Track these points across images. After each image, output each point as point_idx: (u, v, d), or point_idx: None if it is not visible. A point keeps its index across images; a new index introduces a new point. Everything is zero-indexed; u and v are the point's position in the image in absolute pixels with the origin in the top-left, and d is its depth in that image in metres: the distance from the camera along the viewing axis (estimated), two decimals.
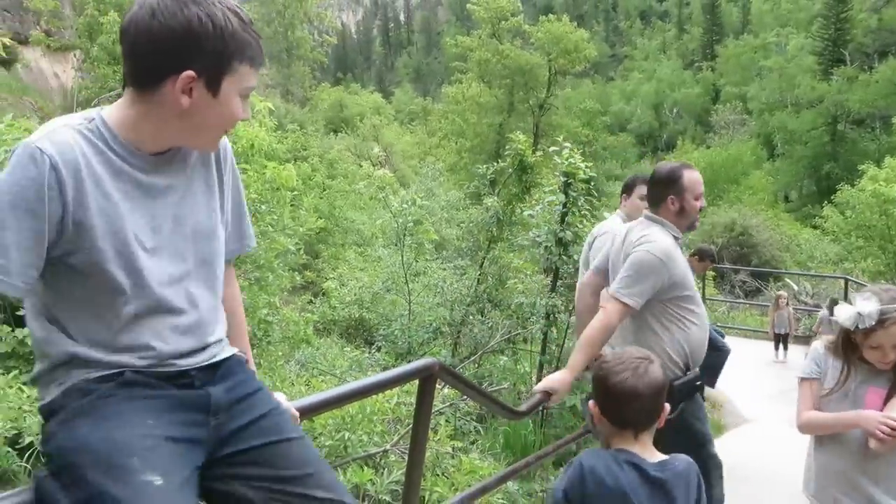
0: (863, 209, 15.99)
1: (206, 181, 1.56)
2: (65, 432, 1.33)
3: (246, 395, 1.54)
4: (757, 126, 47.00)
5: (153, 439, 1.33)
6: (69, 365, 1.38)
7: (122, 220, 1.39)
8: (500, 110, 34.83)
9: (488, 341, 7.19)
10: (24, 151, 1.31)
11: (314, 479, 1.53)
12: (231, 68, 1.39)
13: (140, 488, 1.26)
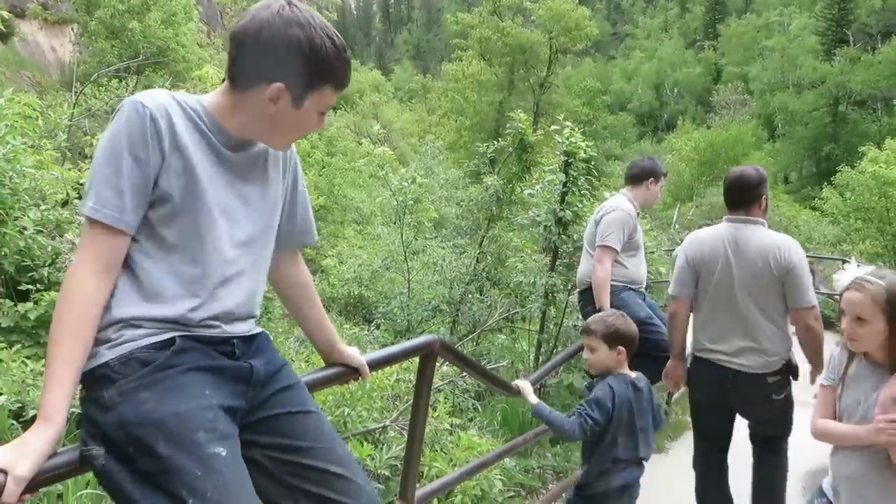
0: (862, 191, 16.01)
1: (274, 173, 1.72)
2: (128, 405, 1.39)
3: (276, 370, 1.67)
4: (758, 106, 46.80)
5: (213, 411, 1.45)
6: (122, 324, 1.46)
7: (201, 182, 1.52)
8: (500, 88, 34.65)
9: (487, 320, 7.23)
10: (126, 106, 1.47)
11: (327, 453, 1.62)
12: (316, 88, 1.55)
13: (209, 460, 1.37)
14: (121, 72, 14.70)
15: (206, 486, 1.35)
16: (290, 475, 1.58)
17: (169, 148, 1.47)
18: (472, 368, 2.84)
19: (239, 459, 1.46)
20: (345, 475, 1.62)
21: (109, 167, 1.43)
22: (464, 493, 3.59)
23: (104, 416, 1.40)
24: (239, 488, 1.40)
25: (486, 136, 24.71)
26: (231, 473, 1.40)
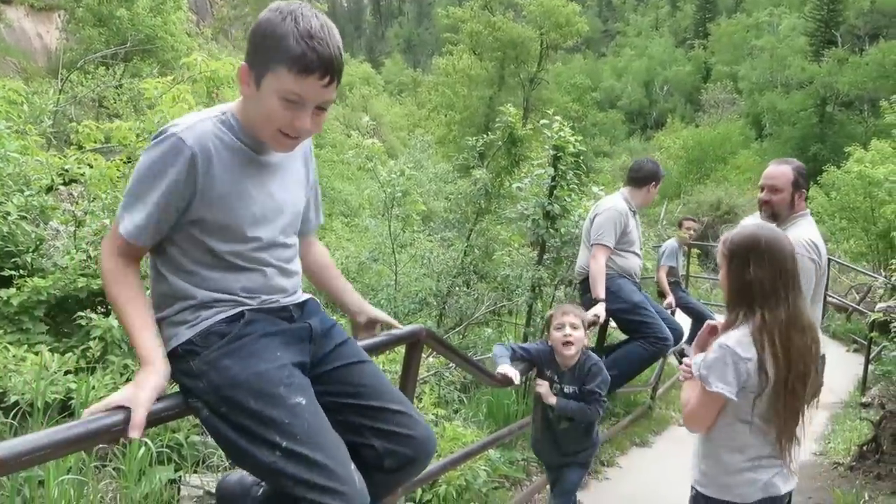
0: (847, 191, 16.10)
1: (299, 166, 1.93)
2: (216, 372, 1.65)
3: (330, 327, 1.92)
4: (746, 106, 47.00)
5: (287, 368, 1.70)
6: (195, 307, 1.72)
7: (242, 190, 1.74)
8: (490, 83, 34.63)
9: (473, 313, 7.24)
10: (169, 140, 1.64)
11: (384, 394, 1.88)
12: (270, 68, 1.61)
13: (293, 409, 1.63)
14: (108, 59, 14.57)
15: (294, 430, 1.61)
16: (356, 415, 1.83)
17: (203, 179, 1.66)
18: (458, 357, 2.84)
19: (316, 405, 1.71)
20: (402, 410, 1.87)
21: (140, 190, 1.65)
22: (448, 483, 3.61)
23: (195, 382, 1.66)
24: (321, 428, 1.67)
25: (475, 131, 24.68)
26: (313, 417, 1.66)
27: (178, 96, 5.12)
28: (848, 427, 6.84)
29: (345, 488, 1.62)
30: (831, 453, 6.21)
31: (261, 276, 1.79)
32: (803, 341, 2.23)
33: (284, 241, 1.87)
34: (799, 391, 2.22)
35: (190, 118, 1.71)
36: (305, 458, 1.60)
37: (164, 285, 1.75)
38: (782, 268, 2.23)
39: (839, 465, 5.78)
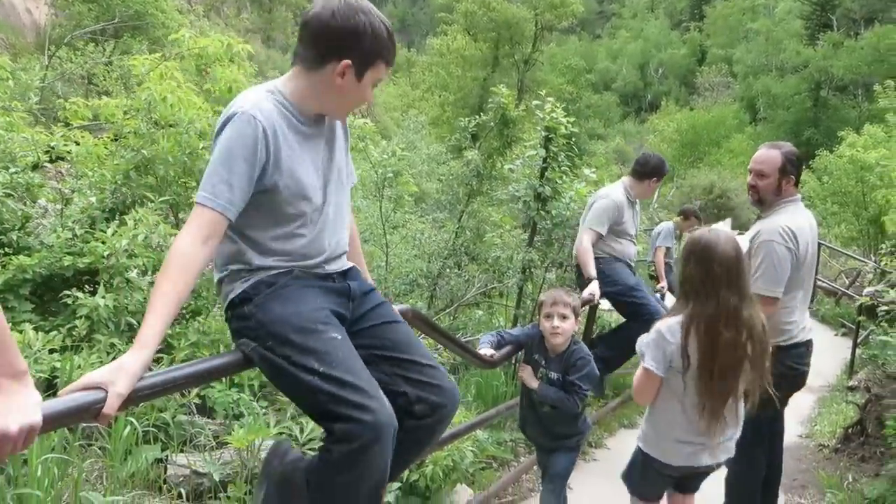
0: (839, 175, 16.09)
1: (341, 137, 2.17)
2: (262, 312, 1.92)
3: (368, 290, 2.21)
4: (741, 89, 46.94)
5: (325, 311, 1.97)
6: (253, 269, 1.97)
7: (299, 160, 1.98)
8: (484, 64, 34.43)
9: (464, 294, 7.23)
10: (243, 117, 1.87)
11: (415, 350, 2.13)
12: (374, 64, 1.97)
13: (329, 341, 1.89)
14: (97, 35, 14.38)
15: (330, 358, 1.85)
16: (390, 365, 2.06)
17: (273, 149, 1.90)
18: (444, 338, 2.83)
19: (349, 342, 1.95)
20: (431, 364, 2.12)
21: (224, 167, 1.85)
22: (435, 463, 3.61)
23: (247, 322, 1.94)
24: (353, 358, 1.91)
25: (469, 112, 24.55)
26: (346, 349, 1.91)
27: (165, 73, 5.06)
28: (834, 410, 6.89)
29: (374, 404, 1.83)
30: (817, 436, 6.26)
31: (312, 239, 2.03)
32: (733, 336, 2.53)
33: (334, 203, 2.10)
34: (728, 379, 2.55)
35: (251, 97, 1.94)
36: (339, 380, 1.83)
37: (224, 247, 1.98)
38: (710, 269, 2.55)
39: (824, 447, 5.84)
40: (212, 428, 3.78)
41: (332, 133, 2.14)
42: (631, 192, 5.07)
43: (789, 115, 40.48)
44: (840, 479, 4.97)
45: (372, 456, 1.84)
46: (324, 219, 2.06)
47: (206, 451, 3.52)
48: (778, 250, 3.34)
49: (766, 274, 3.34)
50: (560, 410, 3.24)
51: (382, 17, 1.97)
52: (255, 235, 1.98)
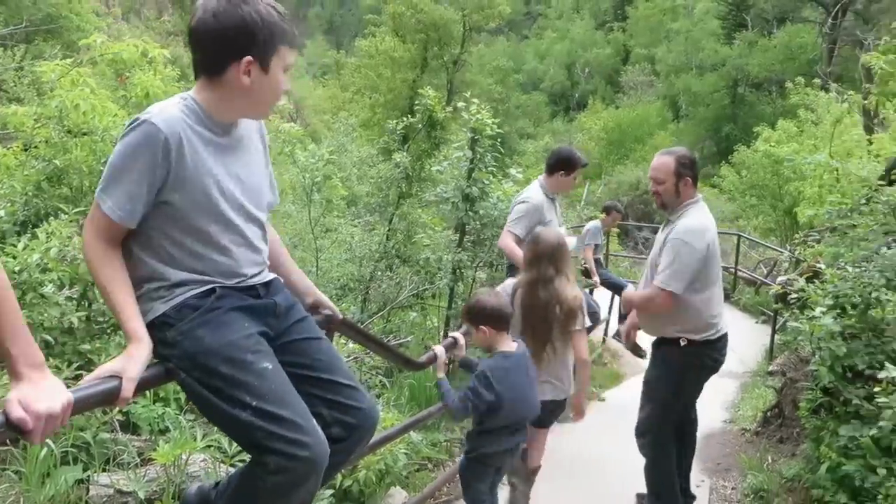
0: (756, 169, 16.73)
1: (257, 145, 2.11)
2: (189, 341, 1.83)
3: (292, 305, 2.12)
4: (663, 87, 48.20)
5: (254, 337, 1.90)
6: (171, 286, 1.88)
7: (209, 172, 1.89)
8: (413, 66, 34.41)
9: (396, 297, 7.23)
10: (144, 125, 1.80)
11: (336, 369, 2.09)
12: (276, 51, 1.89)
13: (262, 373, 1.83)
14: (6, 40, 13.76)
15: (262, 391, 1.80)
16: (308, 385, 2.00)
17: (176, 157, 1.82)
18: (371, 343, 2.83)
19: (281, 370, 1.90)
20: (351, 385, 2.08)
21: (125, 177, 1.79)
22: (367, 467, 3.61)
23: (171, 350, 1.85)
24: (286, 389, 1.87)
25: (399, 114, 24.38)
26: (278, 380, 1.86)
27: (77, 80, 4.88)
28: (756, 395, 7.18)
29: (309, 439, 1.82)
30: (739, 420, 6.51)
31: (230, 253, 1.96)
32: (543, 300, 3.44)
33: (251, 217, 2.04)
34: (540, 330, 3.45)
35: (158, 106, 1.88)
36: (274, 415, 1.79)
37: (139, 266, 1.90)
38: (536, 248, 3.53)
39: (746, 431, 6.08)
40: (136, 445, 3.67)
41: (249, 143, 2.07)
42: (546, 188, 5.01)
43: (709, 112, 41.83)
44: (760, 461, 5.19)
45: (304, 487, 1.86)
46: (240, 232, 1.99)
47: (130, 469, 3.42)
48: (685, 250, 3.58)
49: (670, 269, 3.57)
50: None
51: (266, 1, 1.88)
52: (166, 251, 1.89)
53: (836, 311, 4.06)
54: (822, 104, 17.19)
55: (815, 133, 16.10)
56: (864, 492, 3.50)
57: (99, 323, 4.46)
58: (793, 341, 4.89)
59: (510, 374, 3.05)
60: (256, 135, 2.11)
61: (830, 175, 10.40)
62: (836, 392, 3.96)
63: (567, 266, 3.54)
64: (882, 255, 4.34)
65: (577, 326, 3.53)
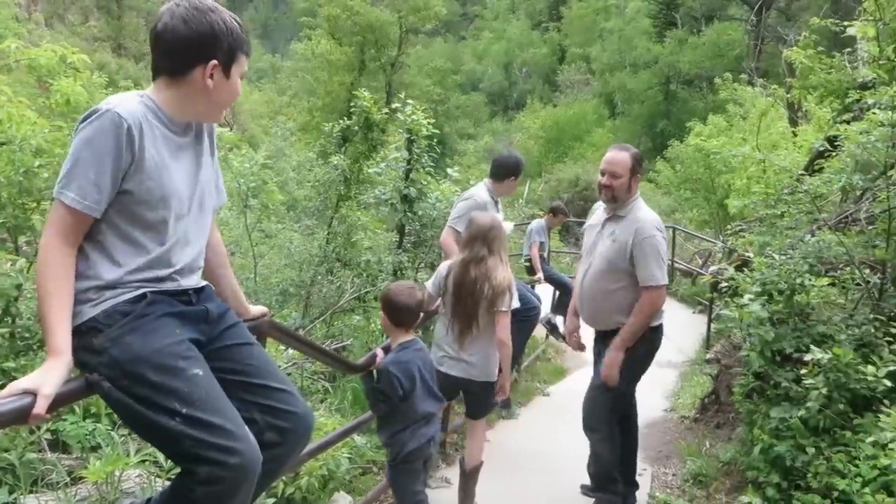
0: (689, 163, 17.18)
1: (207, 146, 2.14)
2: (118, 349, 1.80)
3: (224, 311, 2.12)
4: (599, 86, 49.07)
5: (185, 344, 1.88)
6: (100, 288, 1.85)
7: (165, 170, 1.92)
8: (351, 68, 34.19)
9: (338, 300, 7.16)
10: (107, 114, 1.82)
11: (269, 374, 2.08)
12: (237, 59, 2.01)
13: (192, 379, 1.81)
14: None
15: (193, 397, 1.78)
16: (241, 391, 1.99)
17: (138, 148, 1.84)
18: (304, 346, 2.79)
19: (212, 376, 1.89)
20: (284, 389, 2.08)
21: (90, 166, 1.80)
22: (309, 474, 3.56)
23: (98, 358, 1.81)
24: (217, 395, 1.85)
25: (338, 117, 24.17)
26: (209, 386, 1.85)
27: None
28: (694, 383, 7.38)
29: (240, 445, 1.80)
30: (679, 408, 6.67)
31: (173, 249, 1.97)
32: (473, 277, 3.59)
33: (198, 217, 2.06)
34: (468, 305, 3.60)
35: (116, 98, 1.90)
36: (204, 422, 1.77)
37: (77, 260, 1.85)
38: (472, 230, 3.69)
39: (686, 418, 6.23)
40: (66, 463, 3.53)
41: (201, 145, 2.11)
42: (493, 191, 5.19)
43: (644, 109, 42.76)
44: (699, 447, 5.33)
45: (237, 497, 1.83)
46: (184, 231, 2.00)
47: (59, 488, 3.29)
48: (662, 243, 3.78)
49: (655, 264, 3.72)
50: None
51: (227, 12, 2.01)
52: (107, 242, 1.88)
53: (764, 297, 4.19)
54: (749, 99, 17.78)
55: (744, 127, 16.64)
56: (794, 471, 3.63)
57: (25, 339, 4.29)
58: (725, 329, 5.03)
59: (411, 365, 3.14)
60: (206, 134, 2.15)
61: (757, 167, 10.76)
62: (767, 376, 4.10)
63: (500, 248, 3.68)
64: (806, 243, 4.51)
65: (503, 308, 3.62)
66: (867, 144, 4.36)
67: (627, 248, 3.76)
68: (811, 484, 3.43)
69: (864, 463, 3.13)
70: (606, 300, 3.88)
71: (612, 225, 3.91)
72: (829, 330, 3.94)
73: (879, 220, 4.45)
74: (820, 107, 10.19)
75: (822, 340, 3.86)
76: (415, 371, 3.13)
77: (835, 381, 3.53)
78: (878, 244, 4.34)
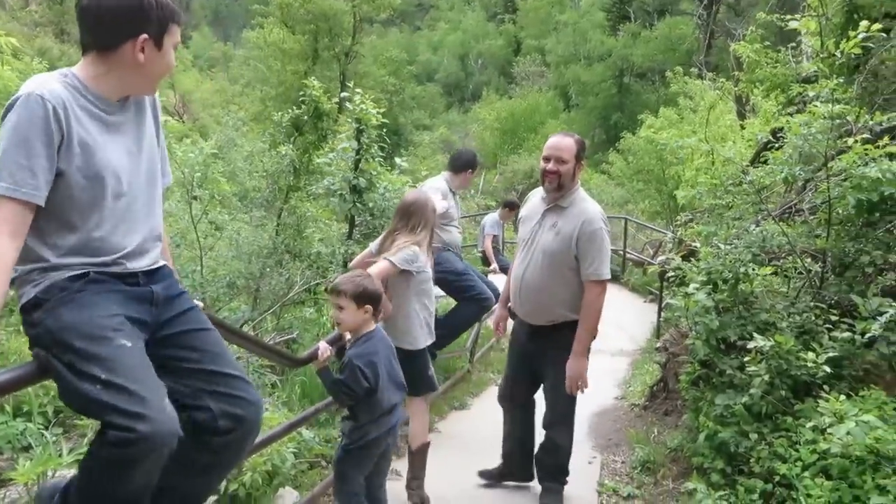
0: (641, 155, 17.45)
1: (148, 122, 2.08)
2: (51, 318, 1.83)
3: (177, 294, 2.10)
4: (554, 78, 49.38)
5: (119, 318, 1.88)
6: (44, 269, 1.87)
7: (96, 148, 1.88)
8: (304, 57, 33.71)
9: (287, 293, 7.04)
10: (30, 98, 1.78)
11: (222, 360, 2.06)
12: (168, 29, 1.95)
13: (118, 349, 1.81)
14: None
15: (115, 365, 1.77)
16: (195, 379, 1.99)
17: (66, 129, 1.81)
18: (241, 340, 2.71)
19: (142, 352, 1.88)
20: (237, 375, 2.07)
21: (20, 152, 1.76)
22: (253, 469, 3.47)
23: (35, 330, 1.86)
24: (141, 367, 1.84)
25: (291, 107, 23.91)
26: (135, 358, 1.84)
27: None
28: (644, 371, 7.47)
29: (152, 413, 1.76)
30: (630, 397, 6.75)
31: (114, 233, 1.94)
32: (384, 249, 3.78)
33: (140, 197, 2.01)
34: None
35: (37, 79, 1.85)
36: (122, 388, 1.76)
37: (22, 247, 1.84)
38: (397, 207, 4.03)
39: (635, 406, 6.30)
40: None
41: (142, 121, 2.06)
42: (451, 184, 5.44)
43: (598, 101, 43.21)
44: (647, 434, 5.39)
45: (142, 465, 1.80)
46: (127, 212, 1.97)
47: None
48: (607, 237, 3.77)
49: (599, 258, 3.71)
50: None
51: None
52: (47, 227, 1.86)
53: (709, 287, 4.24)
54: (699, 92, 18.08)
55: (694, 119, 16.92)
56: (738, 456, 3.69)
57: None
58: (673, 317, 5.09)
59: (375, 358, 3.07)
60: (149, 111, 2.10)
61: (705, 158, 10.94)
62: (712, 364, 4.15)
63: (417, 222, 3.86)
64: (750, 233, 4.58)
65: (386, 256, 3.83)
66: (809, 136, 4.44)
67: (573, 241, 3.72)
68: (754, 469, 3.49)
69: (804, 447, 3.19)
70: (550, 295, 3.82)
71: (554, 216, 3.85)
72: (772, 318, 4.01)
73: (820, 211, 4.54)
74: (766, 100, 10.42)
75: (765, 328, 3.93)
76: (379, 363, 3.06)
77: (777, 367, 3.59)
78: (820, 234, 4.43)
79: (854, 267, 4.18)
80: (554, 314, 3.85)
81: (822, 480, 2.98)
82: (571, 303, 3.80)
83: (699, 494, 3.41)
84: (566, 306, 3.81)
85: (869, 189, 3.89)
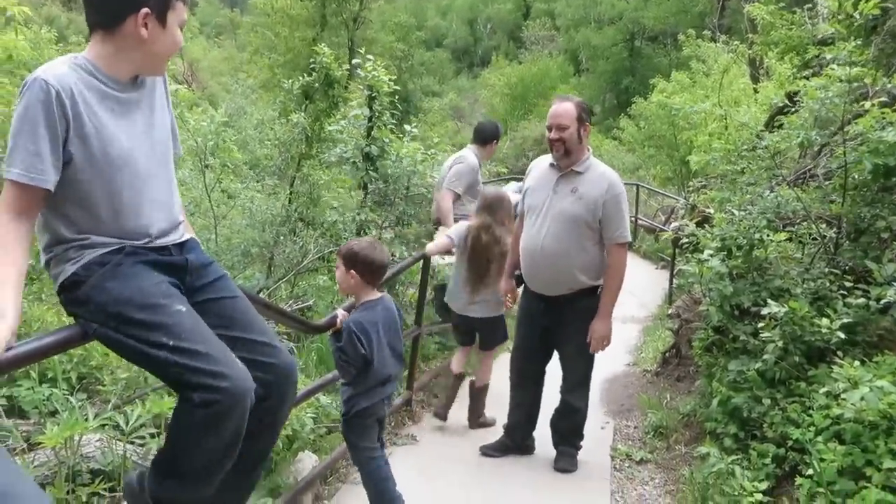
0: (653, 120, 17.23)
1: (160, 99, 2.11)
2: (100, 293, 1.87)
3: (207, 263, 2.17)
4: (564, 42, 48.70)
5: (165, 284, 1.95)
6: (81, 246, 1.91)
7: (109, 129, 1.89)
8: (312, 24, 33.37)
9: (301, 260, 7.08)
10: (35, 84, 1.80)
11: (253, 327, 2.13)
12: (172, 5, 1.95)
13: (175, 314, 1.89)
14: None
15: (178, 330, 1.86)
16: (226, 345, 1.98)
17: (73, 114, 1.82)
18: (262, 307, 2.75)
19: (195, 313, 1.95)
20: (268, 342, 2.13)
21: (27, 138, 1.78)
22: None
23: (84, 308, 1.90)
24: (201, 329, 1.92)
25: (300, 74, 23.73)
26: (193, 320, 1.92)
27: None
28: (656, 338, 7.50)
29: (228, 370, 1.87)
30: (641, 363, 6.79)
31: (136, 213, 1.97)
32: (486, 240, 4.47)
33: (157, 174, 2.03)
34: (481, 264, 4.52)
35: (45, 66, 1.86)
36: (191, 351, 1.84)
37: (49, 231, 1.93)
38: (482, 202, 4.64)
39: (647, 372, 6.35)
40: (24, 429, 3.46)
41: (152, 99, 2.07)
42: (479, 155, 5.76)
43: (609, 65, 42.62)
44: (659, 400, 5.44)
45: (231, 420, 1.89)
46: (147, 191, 2.00)
47: (16, 454, 3.23)
48: (624, 199, 3.87)
49: (627, 223, 3.84)
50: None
51: None
52: (74, 213, 1.91)
53: (724, 253, 4.24)
54: (712, 55, 17.80)
55: (707, 83, 16.69)
56: (751, 421, 3.72)
57: None
58: (686, 284, 5.09)
59: (370, 326, 3.06)
60: (161, 87, 2.12)
61: (719, 123, 10.83)
62: (726, 330, 4.17)
63: (504, 216, 4.52)
64: (764, 199, 4.56)
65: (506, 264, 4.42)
66: (825, 100, 4.39)
67: (598, 204, 3.74)
68: (767, 434, 3.52)
69: (818, 413, 3.21)
70: (569, 261, 3.83)
71: (572, 182, 3.84)
72: (786, 284, 4.01)
73: (836, 176, 4.50)
74: (781, 63, 10.26)
75: (779, 294, 3.93)
76: (373, 331, 3.06)
77: (790, 333, 3.60)
78: (835, 199, 4.41)
79: (869, 232, 4.16)
80: (573, 281, 3.87)
81: (834, 445, 3.01)
82: (590, 268, 3.83)
83: (712, 458, 3.45)
84: (586, 272, 3.84)
85: (886, 153, 3.85)
